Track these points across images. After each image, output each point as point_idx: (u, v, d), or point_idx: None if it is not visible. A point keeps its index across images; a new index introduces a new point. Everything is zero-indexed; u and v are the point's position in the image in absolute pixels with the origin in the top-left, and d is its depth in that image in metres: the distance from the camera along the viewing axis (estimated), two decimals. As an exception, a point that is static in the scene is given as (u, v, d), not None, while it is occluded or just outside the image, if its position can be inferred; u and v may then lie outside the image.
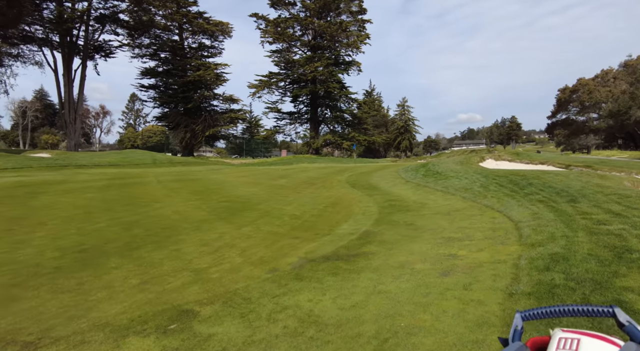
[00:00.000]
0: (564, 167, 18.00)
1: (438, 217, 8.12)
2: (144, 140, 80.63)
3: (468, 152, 37.00)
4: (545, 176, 11.70)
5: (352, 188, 15.32)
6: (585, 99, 44.66)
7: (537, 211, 7.32)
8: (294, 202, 12.18)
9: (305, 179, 19.77)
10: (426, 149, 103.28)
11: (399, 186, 14.36)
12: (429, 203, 10.11)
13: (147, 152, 32.99)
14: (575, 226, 5.63)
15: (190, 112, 45.98)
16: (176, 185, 15.38)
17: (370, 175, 19.19)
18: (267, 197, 13.09)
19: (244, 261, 5.87)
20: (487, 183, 11.73)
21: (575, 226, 5.62)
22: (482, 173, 13.91)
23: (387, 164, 34.92)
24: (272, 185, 16.82)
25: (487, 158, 19.43)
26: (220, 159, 43.82)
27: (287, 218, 9.46)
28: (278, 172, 24.97)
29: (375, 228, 7.56)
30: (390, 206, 10.43)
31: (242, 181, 18.51)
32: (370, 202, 11.53)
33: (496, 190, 10.45)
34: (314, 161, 38.30)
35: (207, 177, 20.02)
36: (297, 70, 43.93)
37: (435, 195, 11.38)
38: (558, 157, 25.21)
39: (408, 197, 11.64)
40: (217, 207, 10.96)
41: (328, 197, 13.35)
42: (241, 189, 15.10)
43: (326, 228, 8.14)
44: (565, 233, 5.28)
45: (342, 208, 10.72)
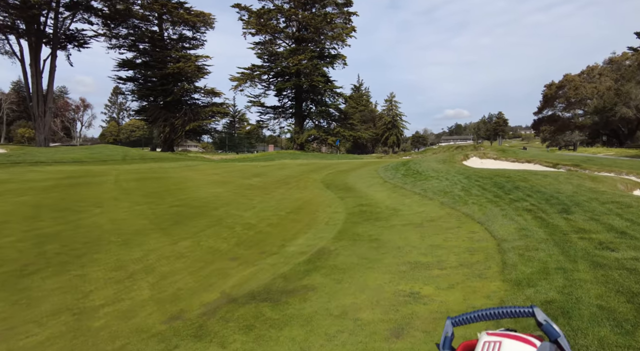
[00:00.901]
0: (551, 165, 16.95)
1: (409, 230, 6.84)
2: (126, 134, 78.10)
3: (453, 148, 35.93)
4: (532, 178, 10.53)
5: (327, 188, 14.01)
6: (571, 95, 44.00)
7: (524, 225, 6.08)
8: (257, 205, 10.82)
9: (280, 178, 18.39)
10: (414, 145, 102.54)
11: (375, 187, 13.08)
12: (402, 210, 8.84)
13: (119, 147, 31.12)
14: (572, 251, 4.38)
15: (170, 105, 44.00)
16: (132, 186, 13.85)
17: (349, 174, 17.90)
18: (229, 200, 11.70)
19: (151, 297, 4.50)
20: (469, 185, 10.52)
21: (573, 251, 4.37)
22: (465, 173, 12.71)
23: (371, 160, 33.69)
24: (241, 185, 15.41)
25: (471, 156, 18.27)
26: (200, 154, 42.03)
27: (239, 229, 8.10)
28: (255, 169, 23.53)
29: (334, 244, 6.24)
30: (360, 212, 9.14)
31: (210, 180, 17.05)
32: (340, 206, 10.23)
33: (478, 195, 9.22)
34: (297, 157, 36.84)
35: (175, 175, 18.49)
36: (280, 63, 42.19)
37: (411, 199, 10.12)
38: (544, 154, 24.26)
39: (382, 201, 10.36)
40: (164, 213, 9.54)
41: (297, 199, 12.01)
42: (204, 190, 13.66)
43: (277, 243, 6.80)
44: (562, 263, 4.03)
45: (307, 215, 9.40)
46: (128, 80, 44.51)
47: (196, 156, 38.46)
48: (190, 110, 44.52)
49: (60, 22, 34.81)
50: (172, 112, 43.51)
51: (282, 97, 46.08)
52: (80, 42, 38.98)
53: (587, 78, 45.26)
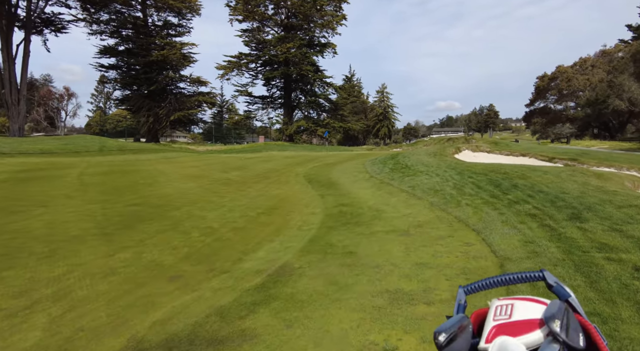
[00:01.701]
0: (547, 159, 15.95)
1: (392, 239, 5.68)
2: (113, 124, 75.82)
3: (444, 140, 34.88)
4: (531, 174, 9.44)
5: (308, 184, 12.82)
6: (564, 87, 43.10)
7: (530, 236, 4.97)
8: (227, 204, 9.59)
9: (261, 171, 17.15)
10: (405, 136, 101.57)
11: (360, 183, 11.92)
12: (386, 212, 7.68)
13: (96, 138, 29.44)
14: (604, 283, 3.26)
15: (154, 94, 42.10)
16: (96, 180, 12.49)
17: (334, 168, 16.71)
18: (197, 197, 10.45)
19: (37, 344, 3.29)
20: (462, 183, 9.40)
21: (605, 283, 3.25)
22: (457, 168, 11.60)
23: (360, 153, 32.53)
24: (217, 180, 14.14)
25: (463, 149, 17.17)
26: (184, 145, 40.41)
27: (196, 235, 6.89)
28: (238, 162, 22.23)
29: (300, 259, 5.06)
30: (339, 214, 7.97)
31: (185, 173, 15.73)
32: (318, 206, 9.05)
33: (472, 194, 8.10)
34: (284, 149, 35.53)
35: (148, 168, 17.12)
36: (268, 51, 40.42)
37: (397, 197, 8.97)
38: (538, 147, 23.31)
39: (365, 200, 9.19)
40: (117, 213, 8.26)
41: (274, 197, 10.81)
42: (174, 185, 12.37)
43: (234, 255, 5.60)
44: (595, 303, 2.91)
45: (279, 217, 8.20)
46: (110, 68, 42.43)
47: (180, 147, 36.91)
48: (176, 100, 42.71)
49: (34, 4, 32.62)
50: (156, 102, 41.65)
51: (270, 87, 44.45)
52: (57, 27, 36.75)
53: (579, 70, 44.38)
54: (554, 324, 0.57)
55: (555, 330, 0.57)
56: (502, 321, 0.64)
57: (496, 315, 0.65)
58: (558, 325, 0.57)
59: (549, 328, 0.58)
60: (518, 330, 0.61)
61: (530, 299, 0.68)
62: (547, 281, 0.72)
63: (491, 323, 0.64)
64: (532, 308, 0.65)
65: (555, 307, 0.61)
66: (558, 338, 0.57)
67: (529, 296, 0.69)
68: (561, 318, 0.59)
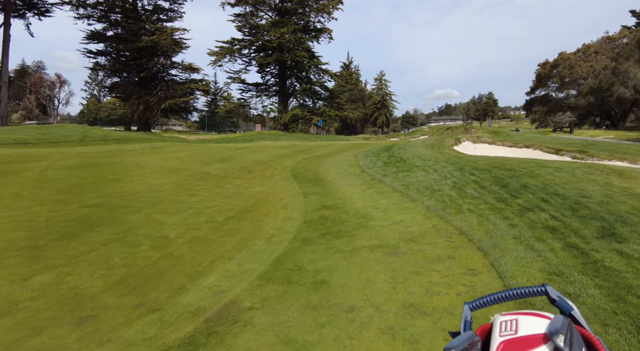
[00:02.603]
0: (553, 151, 14.71)
1: (377, 261, 4.48)
2: (107, 112, 74.06)
3: (443, 129, 33.46)
4: (542, 172, 8.21)
5: (293, 180, 11.60)
6: (566, 74, 41.41)
7: (553, 263, 3.77)
8: (196, 205, 8.38)
9: (247, 164, 15.91)
10: (404, 125, 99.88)
11: (349, 179, 10.69)
12: (374, 218, 6.47)
13: (79, 127, 28.04)
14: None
15: (145, 81, 40.42)
16: (59, 176, 11.23)
17: (325, 160, 15.45)
18: (165, 196, 9.23)
19: None
20: (463, 181, 8.17)
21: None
22: (457, 163, 10.35)
23: (356, 143, 31.22)
24: (195, 174, 12.90)
25: (463, 140, 15.88)
26: (175, 135, 38.94)
27: (146, 247, 5.69)
28: (225, 152, 20.96)
29: (253, 294, 3.86)
30: (319, 220, 6.76)
31: (164, 166, 14.48)
32: (298, 208, 7.83)
33: (476, 197, 6.89)
34: (278, 138, 34.18)
35: (126, 160, 15.84)
36: (262, 36, 38.59)
37: (389, 199, 7.75)
38: (540, 137, 22.02)
39: (352, 201, 7.97)
40: (64, 218, 7.04)
41: (252, 195, 9.59)
42: (145, 181, 11.13)
43: (176, 282, 4.41)
44: None
45: (250, 223, 6.99)
46: (99, 54, 40.55)
47: (171, 136, 35.51)
48: (167, 87, 41.04)
49: (14, -15, 30.75)
50: (146, 89, 40.02)
51: (265, 74, 42.71)
52: (41, 10, 34.89)
53: (582, 56, 42.66)
54: (559, 339, 0.58)
55: (559, 345, 0.57)
56: (509, 337, 0.64)
57: (502, 331, 0.66)
58: (562, 340, 0.58)
59: (554, 344, 0.58)
60: (525, 345, 0.61)
61: (533, 313, 0.68)
62: (549, 296, 0.73)
63: (498, 339, 0.64)
64: (536, 323, 0.65)
65: (559, 322, 0.62)
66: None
67: (531, 310, 0.69)
68: (565, 333, 0.59)
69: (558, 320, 0.62)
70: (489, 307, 0.80)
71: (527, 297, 0.76)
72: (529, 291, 0.75)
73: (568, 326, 0.61)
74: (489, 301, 0.78)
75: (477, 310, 0.78)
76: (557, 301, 0.71)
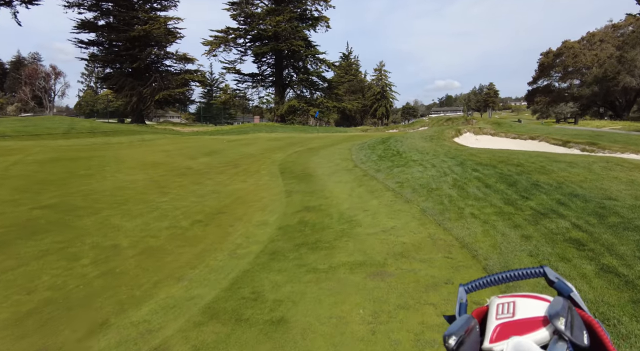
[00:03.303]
0: (560, 143, 13.66)
1: (355, 287, 3.50)
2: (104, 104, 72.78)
3: (443, 121, 32.28)
4: (554, 167, 7.19)
5: (280, 175, 10.61)
6: (570, 63, 39.92)
7: (589, 296, 2.79)
8: (162, 206, 7.41)
9: (235, 157, 14.92)
10: (404, 116, 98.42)
11: (340, 175, 9.68)
12: (361, 223, 5.47)
13: (66, 119, 26.98)
14: None
15: (138, 72, 39.21)
16: (25, 171, 10.25)
17: (317, 153, 14.42)
18: (133, 195, 8.26)
19: None
20: (465, 178, 7.16)
21: None
22: (458, 157, 9.33)
23: (354, 134, 30.14)
24: (175, 169, 11.92)
25: (464, 132, 14.80)
26: (169, 126, 37.83)
27: (86, 261, 4.74)
28: (216, 145, 19.95)
29: (189, 336, 2.89)
30: (298, 224, 5.78)
31: (145, 160, 13.48)
32: (277, 210, 6.85)
33: (480, 198, 5.88)
34: (273, 130, 33.08)
35: (108, 153, 14.86)
36: (257, 25, 37.16)
37: (380, 199, 6.75)
38: (545, 128, 20.89)
39: (338, 201, 6.97)
40: (6, 223, 6.07)
41: (229, 194, 8.60)
42: (118, 177, 10.15)
43: (100, 315, 3.44)
44: None
45: (218, 228, 6.01)
46: (90, 44, 39.27)
47: (164, 128, 34.45)
48: (161, 78, 39.85)
49: (-2, -28, 29.38)
50: (140, 80, 38.83)
51: (261, 64, 41.36)
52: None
53: (587, 45, 41.12)
54: (559, 322, 0.56)
55: (560, 328, 0.55)
56: (506, 320, 0.62)
57: (498, 314, 0.64)
58: (563, 323, 0.56)
59: (555, 326, 0.56)
60: (523, 328, 0.59)
61: (531, 296, 0.66)
62: (548, 277, 0.71)
63: (494, 322, 0.62)
64: (534, 306, 0.63)
65: (559, 305, 0.59)
66: (564, 336, 0.55)
67: (529, 292, 0.67)
68: (565, 315, 0.57)
69: (558, 302, 0.60)
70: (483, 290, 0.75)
71: (525, 279, 0.73)
72: (527, 273, 0.72)
73: (568, 309, 0.59)
74: (485, 283, 0.75)
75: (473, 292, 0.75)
76: (555, 283, 0.69)
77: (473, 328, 0.63)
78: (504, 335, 0.59)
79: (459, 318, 0.65)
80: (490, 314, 0.64)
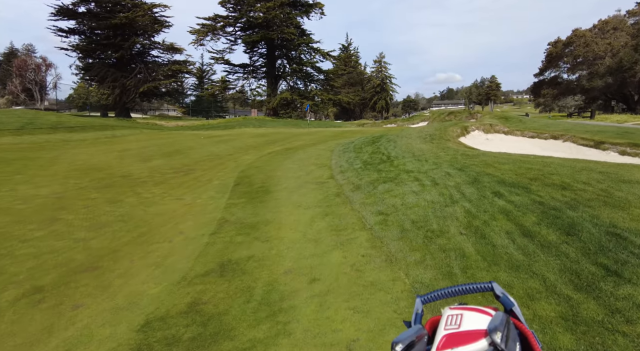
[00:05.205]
0: (592, 144, 10.85)
1: None
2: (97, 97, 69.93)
3: (445, 115, 29.28)
4: (625, 193, 4.44)
5: (232, 188, 7.91)
6: (581, 53, 36.64)
7: None
8: (17, 251, 4.73)
9: (196, 159, 12.23)
10: (404, 109, 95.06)
11: (304, 192, 6.95)
12: (295, 327, 2.78)
13: (29, 112, 24.28)
14: None
15: (122, 63, 36.37)
16: None
17: (293, 156, 11.68)
18: (28, 216, 5.59)
19: None
20: (483, 212, 4.42)
21: None
22: (468, 168, 6.59)
23: (347, 130, 27.32)
24: (112, 176, 9.25)
25: (472, 130, 11.98)
26: (152, 120, 35.04)
27: None
28: (187, 142, 17.28)
29: None
30: (183, 316, 3.10)
31: (85, 164, 10.83)
32: (182, 264, 4.16)
33: (518, 265, 3.15)
34: (262, 124, 30.29)
35: (48, 154, 12.22)
36: (246, 13, 34.14)
37: (346, 251, 4.04)
38: (560, 123, 18.03)
39: (284, 247, 4.26)
40: None
41: (142, 222, 5.92)
42: (20, 189, 7.48)
43: None
44: None
45: (48, 312, 3.34)
46: (70, 33, 36.28)
47: (147, 123, 31.66)
48: (146, 69, 36.97)
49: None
50: (123, 71, 35.97)
51: (252, 54, 38.32)
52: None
53: (599, 33, 37.83)
54: (496, 336, 0.61)
55: (496, 341, 0.61)
56: (451, 331, 0.66)
57: (447, 325, 0.68)
58: (499, 337, 0.61)
59: (492, 339, 0.61)
60: (466, 339, 0.64)
61: (477, 309, 0.70)
62: (495, 292, 0.77)
63: (442, 332, 0.67)
64: (478, 319, 0.67)
65: (498, 320, 0.64)
66: (498, 347, 0.61)
67: (477, 306, 0.71)
68: (502, 329, 0.62)
69: (498, 317, 0.65)
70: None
71: (475, 293, 0.78)
72: (477, 287, 0.79)
73: (506, 323, 0.64)
74: (439, 296, 0.81)
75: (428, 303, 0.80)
76: (500, 297, 0.75)
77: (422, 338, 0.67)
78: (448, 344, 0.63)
79: (412, 327, 0.70)
80: (440, 324, 0.69)
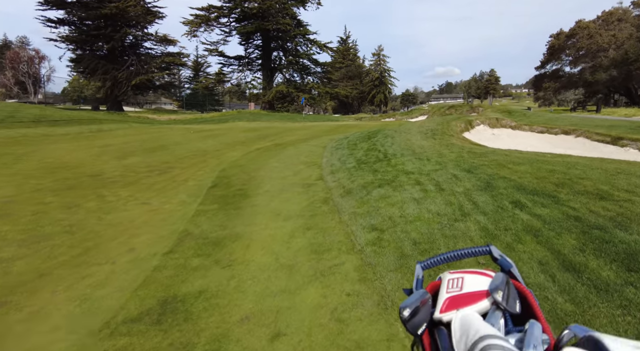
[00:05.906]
0: (609, 140, 9.88)
1: None
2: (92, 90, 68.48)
3: (445, 108, 28.21)
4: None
5: (207, 191, 6.93)
6: (585, 45, 35.50)
7: None
8: None
9: (179, 156, 11.23)
10: (403, 103, 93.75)
11: (288, 197, 5.98)
12: None
13: (12, 105, 23.19)
14: None
15: (113, 55, 35.12)
16: None
17: (282, 152, 10.69)
18: None
19: None
20: (504, 230, 3.45)
21: None
22: (478, 170, 5.61)
23: (344, 124, 26.28)
24: (81, 176, 8.22)
25: (476, 124, 10.98)
26: (144, 114, 33.93)
27: None
28: (174, 137, 16.24)
29: None
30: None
31: (55, 161, 9.79)
32: (125, 289, 3.18)
33: (572, 311, 2.19)
34: (256, 118, 29.21)
35: (20, 150, 11.16)
36: (241, 2, 32.81)
37: (328, 284, 3.08)
38: (566, 118, 17.05)
39: (250, 275, 3.29)
40: None
41: (90, 235, 4.91)
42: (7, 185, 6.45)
43: None
44: None
45: None
46: (59, 23, 34.96)
47: (138, 117, 30.55)
48: (138, 61, 35.73)
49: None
50: (114, 63, 34.74)
51: (248, 46, 37.04)
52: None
53: (603, 24, 36.67)
54: (497, 295, 0.63)
55: (498, 299, 0.62)
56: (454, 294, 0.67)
57: (449, 288, 0.69)
58: (500, 296, 0.63)
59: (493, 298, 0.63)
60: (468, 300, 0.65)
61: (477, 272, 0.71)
62: (492, 255, 0.80)
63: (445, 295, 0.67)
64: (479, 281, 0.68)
65: (499, 280, 0.66)
66: (500, 306, 0.63)
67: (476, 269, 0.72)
68: (503, 289, 0.64)
69: (498, 278, 0.66)
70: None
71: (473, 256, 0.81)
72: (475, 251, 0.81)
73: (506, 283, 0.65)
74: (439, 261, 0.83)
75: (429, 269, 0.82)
76: (499, 260, 0.78)
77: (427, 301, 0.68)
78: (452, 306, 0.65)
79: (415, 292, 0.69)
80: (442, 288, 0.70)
